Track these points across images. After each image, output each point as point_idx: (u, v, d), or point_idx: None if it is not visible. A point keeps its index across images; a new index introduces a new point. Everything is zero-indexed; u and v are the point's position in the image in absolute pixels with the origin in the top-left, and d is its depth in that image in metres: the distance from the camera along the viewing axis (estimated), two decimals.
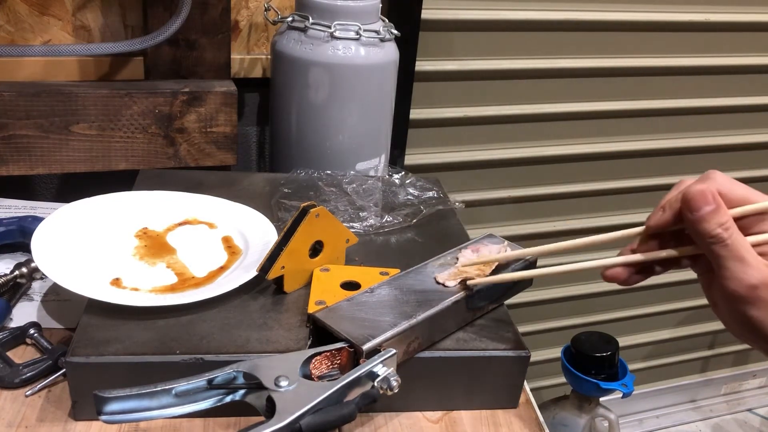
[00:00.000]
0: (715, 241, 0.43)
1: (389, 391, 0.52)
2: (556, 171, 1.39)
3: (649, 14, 1.28)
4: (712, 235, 0.42)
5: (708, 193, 0.43)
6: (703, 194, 0.43)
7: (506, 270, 0.65)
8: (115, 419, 0.46)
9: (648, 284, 1.71)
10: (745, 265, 0.42)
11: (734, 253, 0.42)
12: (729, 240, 0.42)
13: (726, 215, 0.43)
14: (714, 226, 0.42)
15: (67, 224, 0.69)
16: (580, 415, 1.30)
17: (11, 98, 0.82)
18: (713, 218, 0.43)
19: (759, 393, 2.05)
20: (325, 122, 0.89)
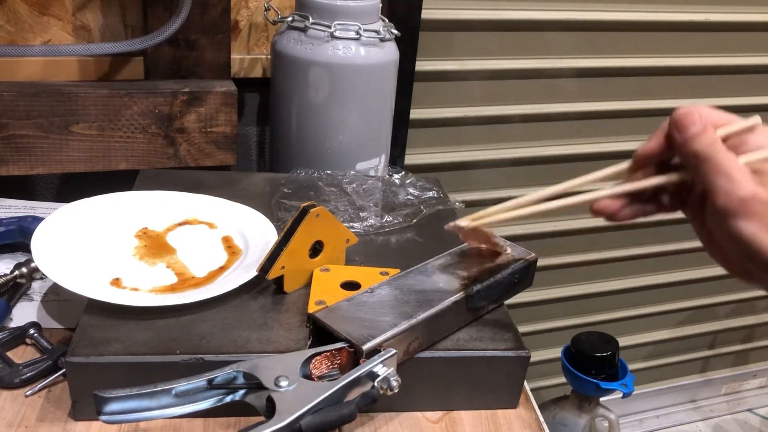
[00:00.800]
0: (703, 159, 0.43)
1: (389, 391, 0.52)
2: (556, 171, 1.39)
3: (649, 14, 1.28)
4: (700, 153, 0.43)
5: (695, 112, 0.43)
6: (690, 114, 0.43)
7: (506, 270, 0.65)
8: (115, 419, 0.46)
9: (648, 284, 1.72)
10: (734, 179, 0.42)
11: (722, 168, 0.42)
12: (717, 156, 0.42)
13: (712, 133, 0.43)
14: (701, 144, 0.43)
15: (67, 224, 0.69)
16: (580, 415, 1.30)
17: (11, 98, 0.82)
18: (700, 137, 0.43)
19: (759, 393, 2.05)
20: (325, 122, 0.89)
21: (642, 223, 1.52)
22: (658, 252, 1.59)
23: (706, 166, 0.43)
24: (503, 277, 0.64)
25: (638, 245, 1.57)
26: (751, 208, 0.41)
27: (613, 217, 0.48)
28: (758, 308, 1.85)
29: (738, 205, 0.41)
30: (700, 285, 1.70)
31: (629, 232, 1.54)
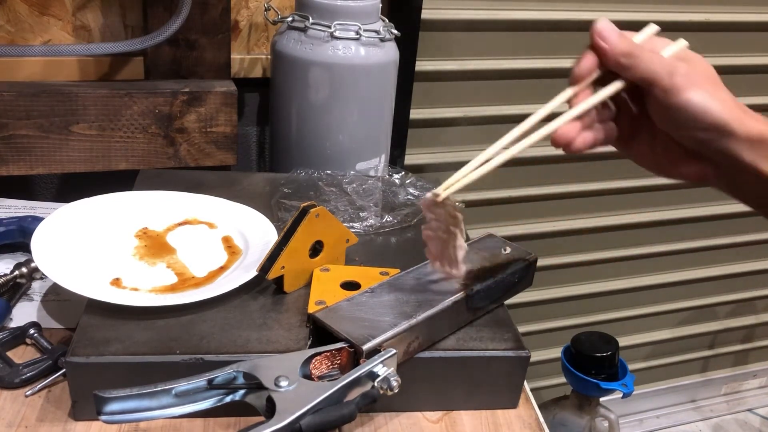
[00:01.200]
0: (636, 55, 0.48)
1: (389, 391, 0.52)
2: (556, 171, 1.39)
3: (649, 14, 1.28)
4: (631, 51, 0.48)
5: (610, 24, 0.50)
6: (608, 24, 0.49)
7: (506, 270, 0.65)
8: (115, 419, 0.46)
9: (648, 284, 1.72)
10: (670, 63, 0.47)
11: (656, 58, 0.48)
12: (645, 51, 0.48)
13: (628, 36, 0.49)
14: (628, 44, 0.48)
15: (67, 224, 0.69)
16: (580, 415, 1.30)
17: (11, 98, 0.82)
18: (624, 38, 0.49)
19: (759, 393, 2.05)
20: (325, 122, 0.89)
21: (642, 222, 1.52)
22: (658, 252, 1.59)
23: (640, 60, 0.48)
24: (503, 277, 0.64)
25: (638, 245, 1.57)
26: (694, 81, 0.46)
27: (572, 146, 0.51)
28: (758, 308, 1.85)
29: (683, 80, 0.46)
30: (700, 285, 1.70)
31: (629, 232, 1.54)
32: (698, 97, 0.46)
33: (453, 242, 0.57)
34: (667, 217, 1.54)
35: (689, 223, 1.57)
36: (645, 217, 1.52)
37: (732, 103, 0.47)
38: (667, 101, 0.47)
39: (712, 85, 0.47)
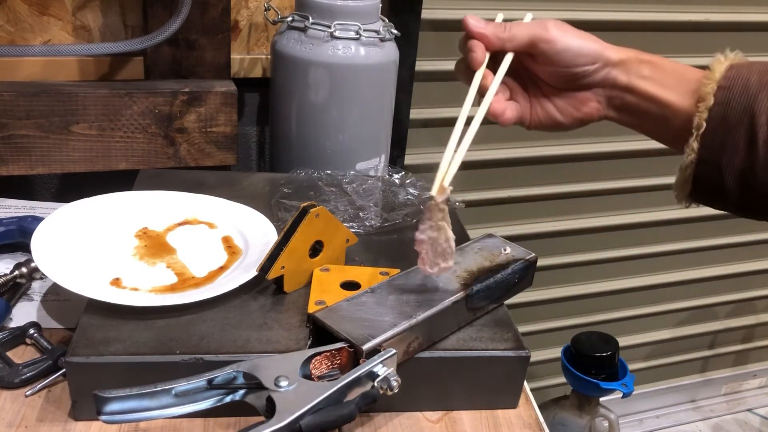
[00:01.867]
0: (506, 30, 0.57)
1: (389, 391, 0.52)
2: (556, 171, 1.39)
3: (649, 14, 1.28)
4: (502, 29, 0.58)
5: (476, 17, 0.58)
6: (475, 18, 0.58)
7: (506, 270, 0.65)
8: (115, 419, 0.46)
9: (648, 284, 1.72)
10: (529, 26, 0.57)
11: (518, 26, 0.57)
12: (510, 25, 0.57)
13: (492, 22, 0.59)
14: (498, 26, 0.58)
15: (67, 224, 0.69)
16: (580, 415, 1.30)
17: (11, 98, 0.82)
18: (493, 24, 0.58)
19: (759, 393, 2.06)
20: (325, 122, 0.89)
21: (642, 222, 1.52)
22: (658, 252, 1.59)
23: (516, 31, 0.57)
24: (503, 277, 0.64)
25: (638, 245, 1.57)
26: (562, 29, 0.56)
27: (503, 117, 0.60)
28: (758, 308, 1.85)
29: (555, 31, 0.56)
30: (700, 285, 1.70)
31: (629, 232, 1.54)
32: (573, 39, 0.56)
33: (444, 235, 0.58)
34: (667, 217, 1.54)
35: (689, 223, 1.57)
36: (645, 217, 1.53)
37: (596, 39, 0.57)
38: (553, 49, 0.56)
39: (573, 30, 0.57)
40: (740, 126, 0.49)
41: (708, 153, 0.51)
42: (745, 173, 0.50)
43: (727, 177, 0.51)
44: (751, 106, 0.49)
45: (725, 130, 0.50)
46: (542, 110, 0.60)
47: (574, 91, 0.58)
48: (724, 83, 0.51)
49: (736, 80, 0.51)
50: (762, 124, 0.48)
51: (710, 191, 0.53)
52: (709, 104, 0.50)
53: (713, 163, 0.51)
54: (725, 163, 0.50)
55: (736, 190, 0.51)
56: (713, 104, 0.50)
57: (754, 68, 0.51)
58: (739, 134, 0.49)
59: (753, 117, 0.49)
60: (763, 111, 0.49)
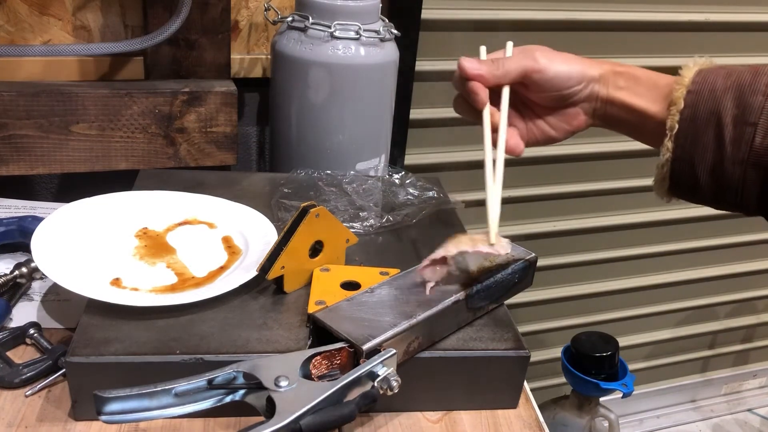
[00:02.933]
0: (498, 68, 0.61)
1: (389, 391, 0.52)
2: (556, 171, 1.39)
3: (649, 14, 1.28)
4: (495, 68, 0.61)
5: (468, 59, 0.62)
6: (469, 60, 0.62)
7: (506, 270, 0.65)
8: (115, 419, 0.46)
9: (648, 284, 1.72)
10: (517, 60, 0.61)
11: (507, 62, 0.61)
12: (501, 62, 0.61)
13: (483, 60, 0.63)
14: (490, 65, 0.61)
15: (67, 224, 0.69)
16: (580, 415, 1.30)
17: (11, 98, 0.82)
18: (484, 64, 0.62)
19: (759, 393, 2.06)
20: (325, 122, 0.89)
21: (642, 222, 1.52)
22: (658, 252, 1.60)
23: (507, 67, 0.61)
24: (503, 277, 0.64)
25: (638, 245, 1.57)
26: (548, 57, 0.60)
27: (518, 151, 0.64)
28: (758, 308, 1.85)
29: (544, 60, 0.60)
30: (700, 285, 1.70)
31: (629, 232, 1.54)
32: (560, 65, 0.60)
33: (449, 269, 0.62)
34: (667, 217, 1.54)
35: (689, 223, 1.57)
36: (645, 217, 1.53)
37: (577, 59, 0.61)
38: (544, 78, 0.60)
39: (558, 54, 0.61)
40: (708, 126, 0.54)
41: (681, 151, 0.55)
42: (716, 169, 0.54)
43: (700, 173, 0.55)
44: (717, 108, 0.54)
45: (695, 130, 0.54)
46: (537, 129, 0.65)
47: (563, 108, 0.63)
48: (693, 88, 0.55)
49: (703, 84, 0.55)
50: (727, 124, 0.53)
51: (686, 186, 0.57)
52: (679, 108, 0.55)
53: (687, 160, 0.55)
54: (697, 160, 0.55)
55: (709, 184, 0.55)
56: (683, 107, 0.55)
57: (720, 72, 0.55)
58: (708, 134, 0.54)
59: (719, 118, 0.53)
60: (727, 112, 0.53)
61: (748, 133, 0.52)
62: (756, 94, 0.52)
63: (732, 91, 0.53)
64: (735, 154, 0.53)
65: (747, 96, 0.53)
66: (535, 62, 0.60)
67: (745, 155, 0.52)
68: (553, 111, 0.64)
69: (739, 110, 0.52)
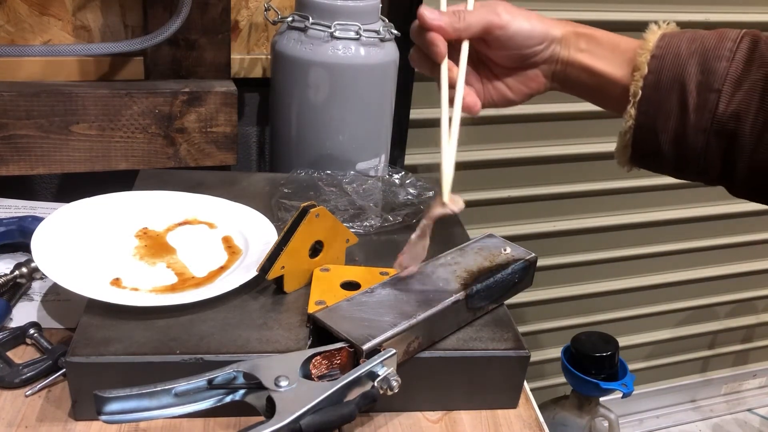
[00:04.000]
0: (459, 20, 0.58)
1: (389, 391, 0.52)
2: (556, 171, 1.39)
3: (649, 14, 1.28)
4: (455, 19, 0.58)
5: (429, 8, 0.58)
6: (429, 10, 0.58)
7: (506, 270, 0.65)
8: (115, 419, 0.46)
9: (648, 284, 1.72)
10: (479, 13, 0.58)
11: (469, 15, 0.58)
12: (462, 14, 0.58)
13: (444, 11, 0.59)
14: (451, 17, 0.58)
15: (67, 224, 0.69)
16: (580, 415, 1.30)
17: (11, 98, 0.82)
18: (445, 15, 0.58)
19: (759, 393, 2.05)
20: (325, 122, 0.89)
21: (642, 222, 1.52)
22: (658, 252, 1.59)
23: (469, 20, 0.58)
24: (503, 277, 0.64)
25: (638, 245, 1.57)
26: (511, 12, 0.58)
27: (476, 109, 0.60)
28: (758, 308, 1.85)
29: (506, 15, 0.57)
30: (700, 285, 1.70)
31: (629, 232, 1.54)
32: (524, 22, 0.58)
33: (423, 242, 0.59)
34: (667, 217, 1.54)
35: (689, 223, 1.57)
36: (645, 217, 1.52)
37: (540, 17, 0.59)
38: (506, 35, 0.58)
39: (521, 11, 0.59)
40: (672, 92, 0.52)
41: (644, 118, 0.54)
42: (678, 137, 0.53)
43: (662, 141, 0.54)
44: (681, 73, 0.52)
45: (659, 96, 0.53)
46: (494, 90, 0.63)
47: (522, 69, 0.61)
48: (657, 52, 0.54)
49: (667, 49, 0.53)
50: (691, 90, 0.52)
51: (648, 155, 0.56)
52: (643, 73, 0.53)
53: (649, 127, 0.54)
54: (660, 127, 0.53)
55: (671, 152, 0.54)
56: (647, 73, 0.53)
57: (684, 37, 0.54)
58: (672, 100, 0.52)
59: (683, 84, 0.52)
60: (691, 78, 0.52)
61: (711, 101, 0.51)
62: (720, 59, 0.51)
63: (696, 56, 0.52)
64: (698, 121, 0.51)
65: (711, 61, 0.51)
66: (497, 17, 0.57)
67: (708, 123, 0.51)
68: (511, 71, 0.61)
69: (703, 76, 0.51)
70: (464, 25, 0.58)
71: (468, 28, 0.58)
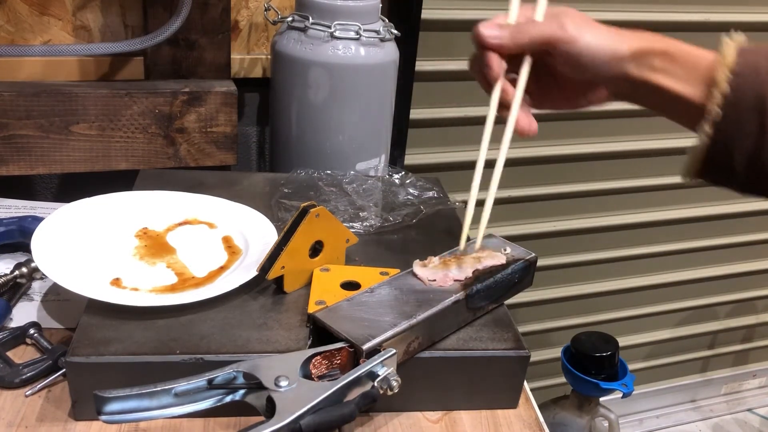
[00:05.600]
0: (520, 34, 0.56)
1: (389, 391, 0.52)
2: (556, 171, 1.39)
3: (650, 14, 1.28)
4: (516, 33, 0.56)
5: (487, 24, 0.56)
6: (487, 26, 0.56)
7: (506, 270, 0.65)
8: (115, 419, 0.46)
9: (648, 284, 1.72)
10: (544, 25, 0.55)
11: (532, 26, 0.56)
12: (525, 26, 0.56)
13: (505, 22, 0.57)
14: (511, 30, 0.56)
15: (67, 224, 0.69)
16: (580, 415, 1.30)
17: (11, 98, 0.82)
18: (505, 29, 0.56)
19: (759, 393, 2.06)
20: (325, 122, 0.89)
21: (642, 222, 1.52)
22: (658, 252, 1.60)
23: (531, 32, 0.55)
24: (503, 277, 0.64)
25: (638, 245, 1.57)
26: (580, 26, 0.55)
27: (532, 131, 0.59)
28: (758, 308, 1.85)
29: (573, 30, 0.54)
30: (700, 285, 1.70)
31: (629, 232, 1.54)
32: (592, 38, 0.55)
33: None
34: (667, 217, 1.54)
35: (689, 223, 1.57)
36: (645, 217, 1.53)
37: (610, 31, 0.56)
38: (572, 50, 0.55)
39: (590, 23, 0.56)
40: (751, 111, 0.50)
41: (720, 137, 0.52)
42: (753, 156, 0.51)
43: (736, 159, 0.52)
44: (761, 91, 0.50)
45: (737, 115, 0.51)
46: (552, 95, 0.61)
47: (586, 82, 0.58)
48: (737, 69, 0.51)
49: (746, 66, 0.51)
50: None
51: (719, 172, 0.54)
52: (723, 91, 0.51)
53: (724, 146, 0.52)
54: (736, 146, 0.51)
55: (744, 171, 0.52)
56: (725, 91, 0.51)
57: (761, 53, 0.52)
58: (751, 119, 0.50)
59: (763, 102, 0.50)
60: None
61: None
62: None
63: None
64: None
65: None
66: (563, 31, 0.54)
67: None
68: (573, 81, 0.58)
69: None
70: (526, 40, 0.56)
71: (530, 42, 0.56)
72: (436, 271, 0.63)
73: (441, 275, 0.62)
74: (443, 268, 0.63)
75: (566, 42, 0.55)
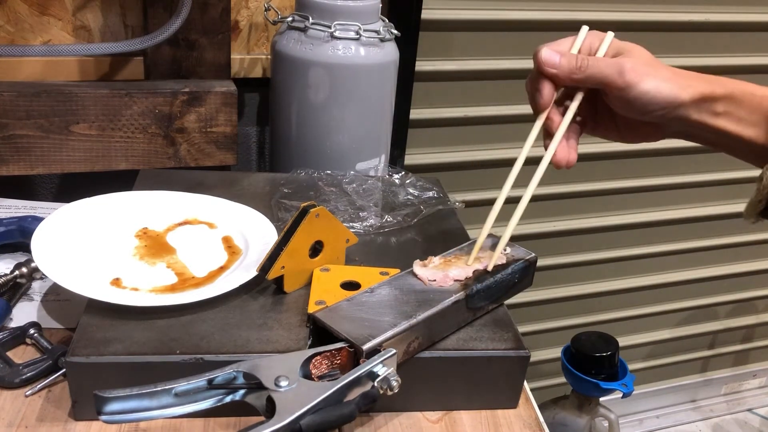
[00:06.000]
0: (579, 70, 0.54)
1: (389, 391, 0.52)
2: (556, 171, 1.38)
3: (650, 14, 1.28)
4: (575, 68, 0.55)
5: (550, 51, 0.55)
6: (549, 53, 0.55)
7: (506, 270, 0.65)
8: (115, 419, 0.46)
9: (648, 284, 1.72)
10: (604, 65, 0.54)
11: (593, 63, 0.54)
12: (585, 62, 0.54)
13: (568, 52, 0.55)
14: (570, 63, 0.55)
15: (67, 224, 0.69)
16: (580, 415, 1.30)
17: (11, 98, 0.82)
18: (565, 60, 0.55)
19: (759, 393, 2.06)
20: (325, 122, 0.89)
21: (642, 222, 1.52)
22: (658, 252, 1.60)
23: (589, 71, 0.54)
24: (503, 277, 0.64)
25: (638, 245, 1.57)
26: (640, 72, 0.53)
27: (571, 163, 0.60)
28: (758, 308, 1.85)
29: (632, 75, 0.52)
30: (700, 285, 1.70)
31: (629, 232, 1.54)
32: (650, 85, 0.53)
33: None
34: (667, 217, 1.54)
35: (689, 223, 1.57)
36: (645, 217, 1.53)
37: (673, 75, 0.54)
38: (625, 96, 0.54)
39: (654, 68, 0.54)
40: None
41: None
42: None
43: None
44: None
45: None
46: (603, 127, 0.60)
47: (641, 122, 0.57)
48: None
49: None
50: None
51: None
52: None
53: None
54: None
55: None
56: None
57: None
58: None
59: None
60: None
61: None
62: None
63: None
64: None
65: None
66: (620, 78, 0.53)
67: None
68: (627, 118, 0.57)
69: None
70: (581, 77, 0.55)
71: (585, 80, 0.55)
72: (436, 271, 0.63)
73: (441, 275, 0.62)
74: (443, 268, 0.63)
75: (619, 88, 0.53)
